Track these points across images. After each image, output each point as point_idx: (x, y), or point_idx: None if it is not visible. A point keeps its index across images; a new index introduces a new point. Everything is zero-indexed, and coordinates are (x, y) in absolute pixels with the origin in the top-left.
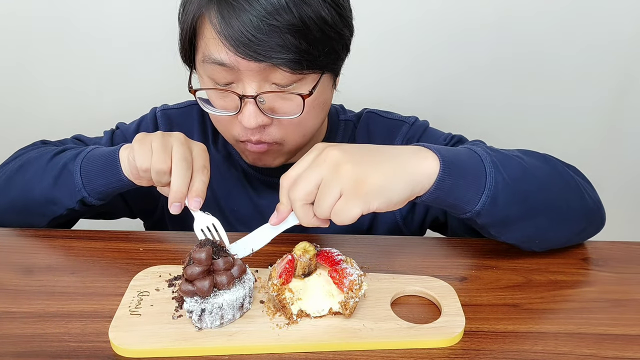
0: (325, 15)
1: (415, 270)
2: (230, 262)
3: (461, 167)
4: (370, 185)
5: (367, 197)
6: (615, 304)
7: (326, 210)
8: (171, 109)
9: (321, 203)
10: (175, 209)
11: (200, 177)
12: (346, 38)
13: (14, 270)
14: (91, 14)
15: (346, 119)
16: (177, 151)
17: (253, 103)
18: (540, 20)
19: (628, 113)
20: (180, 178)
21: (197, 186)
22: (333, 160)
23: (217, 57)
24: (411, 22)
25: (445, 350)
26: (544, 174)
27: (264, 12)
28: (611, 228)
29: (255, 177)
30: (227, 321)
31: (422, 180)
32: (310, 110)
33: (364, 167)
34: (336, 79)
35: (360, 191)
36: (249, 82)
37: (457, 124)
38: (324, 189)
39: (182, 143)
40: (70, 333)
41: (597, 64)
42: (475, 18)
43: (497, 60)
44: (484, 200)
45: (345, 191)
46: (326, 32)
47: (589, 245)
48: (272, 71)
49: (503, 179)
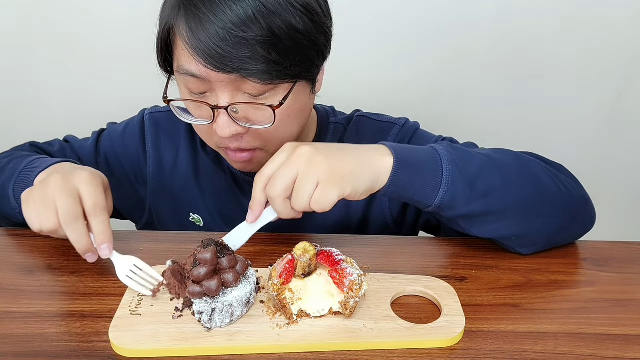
0: (296, 23)
1: (415, 270)
2: (234, 260)
3: (416, 164)
4: (344, 171)
5: (342, 182)
6: (615, 304)
7: (306, 201)
8: (160, 112)
9: (300, 194)
10: (91, 259)
11: (95, 221)
12: (321, 45)
13: (14, 270)
14: (92, 13)
15: (336, 121)
16: (59, 204)
17: (225, 113)
18: (540, 19)
19: (628, 113)
20: (73, 234)
21: (97, 232)
22: (306, 155)
23: (188, 69)
24: (408, 19)
25: (445, 350)
26: (509, 170)
27: (230, 24)
28: (611, 228)
29: (244, 180)
30: (236, 318)
31: (381, 175)
32: (285, 119)
33: (335, 158)
34: (315, 84)
35: (335, 177)
36: (221, 92)
37: (457, 123)
38: (302, 181)
39: (61, 191)
40: (70, 333)
41: (598, 62)
42: (473, 16)
43: (496, 59)
44: (441, 196)
45: (322, 179)
46: (298, 40)
47: (589, 245)
48: (243, 82)
49: (461, 176)
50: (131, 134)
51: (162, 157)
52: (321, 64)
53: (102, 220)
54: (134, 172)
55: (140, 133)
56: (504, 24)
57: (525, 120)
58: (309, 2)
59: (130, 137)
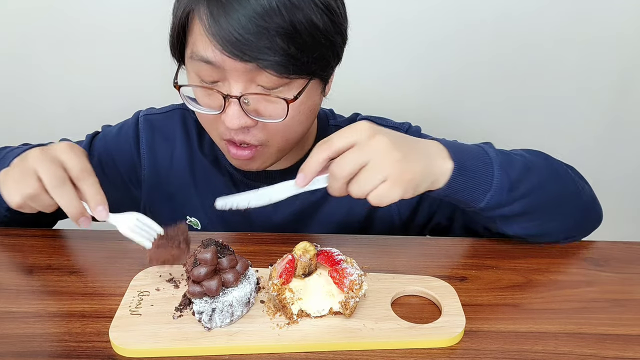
0: (316, 20)
1: (415, 270)
2: (234, 260)
3: (472, 169)
4: (413, 174)
5: (407, 185)
6: (615, 304)
7: (367, 191)
8: (154, 114)
9: (364, 184)
10: (85, 223)
11: (85, 183)
12: (337, 45)
13: (14, 270)
14: (93, 13)
15: (336, 124)
16: (42, 170)
17: (237, 103)
18: (540, 18)
19: (629, 112)
20: (62, 198)
21: (90, 194)
22: (383, 148)
23: (203, 55)
24: (408, 19)
25: (445, 350)
26: (544, 172)
27: (253, 12)
28: (611, 228)
29: (242, 182)
30: (236, 317)
31: (439, 179)
32: (296, 116)
33: (408, 159)
34: (326, 86)
35: (403, 179)
36: (235, 82)
37: (456, 123)
38: (371, 173)
39: (42, 161)
40: (70, 333)
41: (598, 61)
42: (474, 15)
43: (497, 57)
44: (488, 199)
45: (391, 177)
46: (316, 37)
47: (589, 245)
48: (258, 73)
49: (508, 180)
50: (125, 135)
51: (157, 159)
52: (335, 65)
53: (92, 182)
54: (128, 174)
55: (134, 135)
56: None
57: (525, 121)
58: (330, 1)
59: (124, 139)
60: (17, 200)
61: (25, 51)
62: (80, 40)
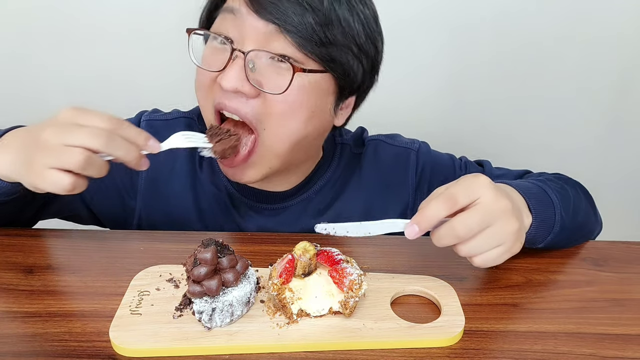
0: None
1: (415, 270)
2: (234, 260)
3: (541, 218)
4: (521, 239)
5: (513, 249)
6: (615, 304)
7: (477, 254)
8: (157, 120)
9: (478, 247)
10: (146, 165)
11: (123, 130)
12: (362, 60)
13: (14, 270)
14: (93, 13)
15: (342, 142)
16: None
17: (240, 64)
18: (540, 18)
19: (629, 112)
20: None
21: (134, 135)
22: (505, 215)
23: (229, 4)
24: (408, 19)
25: (445, 350)
26: (579, 204)
27: None
28: (611, 228)
29: (241, 201)
30: (236, 317)
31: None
32: (293, 108)
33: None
34: (340, 100)
35: (515, 248)
36: (249, 40)
37: (456, 123)
38: (489, 239)
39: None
40: (70, 333)
41: (598, 61)
42: (474, 15)
43: (497, 57)
44: (548, 240)
45: (505, 245)
46: (344, 34)
47: (589, 245)
48: (276, 38)
49: (563, 222)
50: None
51: (157, 169)
52: (354, 83)
53: (127, 125)
54: (123, 182)
55: None
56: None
57: (525, 121)
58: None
59: None
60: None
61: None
62: (81, 40)
